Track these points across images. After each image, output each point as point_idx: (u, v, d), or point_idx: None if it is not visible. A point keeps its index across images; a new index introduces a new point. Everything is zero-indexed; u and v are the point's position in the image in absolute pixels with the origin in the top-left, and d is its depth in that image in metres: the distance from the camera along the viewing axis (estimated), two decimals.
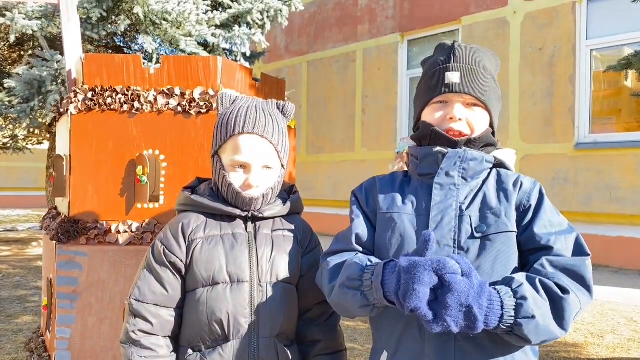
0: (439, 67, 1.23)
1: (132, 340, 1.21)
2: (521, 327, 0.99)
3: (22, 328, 3.93)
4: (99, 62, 1.91)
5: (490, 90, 1.23)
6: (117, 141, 1.88)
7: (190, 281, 1.24)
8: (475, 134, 1.21)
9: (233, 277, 1.22)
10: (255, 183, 1.25)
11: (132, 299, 1.23)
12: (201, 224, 1.27)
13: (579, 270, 1.06)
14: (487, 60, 1.26)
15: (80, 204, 1.89)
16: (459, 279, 0.96)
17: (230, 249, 1.24)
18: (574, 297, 1.03)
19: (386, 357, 1.18)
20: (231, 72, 1.97)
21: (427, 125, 1.23)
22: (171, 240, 1.26)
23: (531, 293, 1.00)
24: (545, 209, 1.15)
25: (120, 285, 1.85)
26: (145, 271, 1.26)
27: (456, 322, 0.96)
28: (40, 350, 2.06)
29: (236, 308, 1.21)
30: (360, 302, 1.10)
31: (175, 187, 1.88)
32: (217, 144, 1.30)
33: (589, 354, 3.37)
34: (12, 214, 13.43)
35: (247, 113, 1.27)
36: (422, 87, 1.28)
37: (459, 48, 1.24)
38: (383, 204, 1.24)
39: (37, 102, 5.41)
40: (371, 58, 8.28)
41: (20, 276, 5.84)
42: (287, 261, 1.28)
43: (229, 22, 6.43)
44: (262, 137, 1.26)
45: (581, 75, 6.20)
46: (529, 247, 1.13)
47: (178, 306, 1.26)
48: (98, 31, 5.64)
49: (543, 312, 1.00)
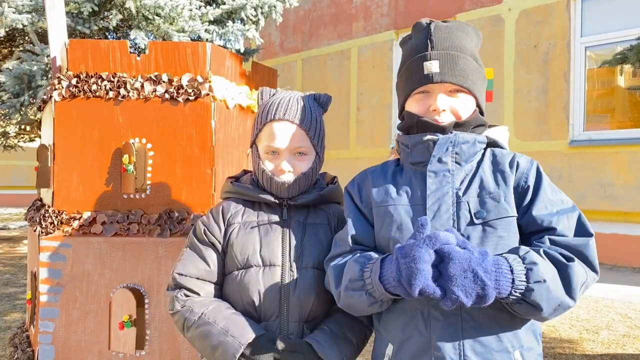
0: (417, 57, 1.18)
1: (182, 300, 1.26)
2: (533, 291, 0.97)
3: (10, 325, 3.87)
4: (83, 47, 1.86)
5: (472, 73, 1.18)
6: (102, 129, 1.83)
7: (228, 263, 1.30)
8: (462, 119, 1.17)
9: (265, 260, 1.27)
10: (286, 168, 1.30)
11: (175, 273, 1.29)
12: (239, 210, 1.34)
13: (583, 250, 1.05)
14: (466, 39, 1.20)
15: (64, 194, 1.83)
16: (457, 249, 0.95)
17: (264, 234, 1.30)
18: (579, 265, 1.02)
19: (392, 349, 1.16)
20: (221, 59, 1.92)
21: (412, 115, 1.19)
22: (212, 222, 1.33)
23: (539, 259, 1.00)
24: (544, 188, 1.13)
25: (105, 278, 1.80)
26: (188, 249, 1.33)
27: (465, 292, 0.94)
28: (24, 346, 2.00)
29: (267, 290, 1.24)
30: (367, 301, 1.10)
31: (162, 176, 1.83)
32: (254, 134, 1.36)
33: (584, 350, 3.35)
34: (3, 212, 13.31)
35: (280, 102, 1.33)
36: (402, 76, 1.24)
37: (436, 30, 1.18)
38: (377, 197, 1.21)
39: (27, 97, 5.33)
40: (366, 55, 8.25)
41: (10, 274, 5.76)
42: (319, 248, 1.31)
43: (222, 17, 6.37)
44: (292, 122, 1.30)
45: (575, 73, 6.20)
46: (530, 230, 1.11)
47: (218, 283, 1.31)
48: (89, 26, 5.57)
49: (552, 275, 0.99)
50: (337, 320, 1.28)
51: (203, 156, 1.84)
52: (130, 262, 1.79)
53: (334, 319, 1.28)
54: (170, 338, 1.77)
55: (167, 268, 1.78)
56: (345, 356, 1.23)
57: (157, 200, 1.83)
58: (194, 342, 1.25)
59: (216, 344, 1.18)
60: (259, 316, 1.25)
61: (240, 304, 1.26)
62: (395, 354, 1.14)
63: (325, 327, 1.26)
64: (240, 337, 1.17)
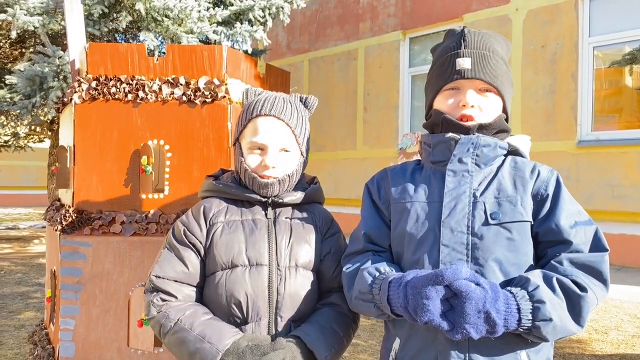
0: (449, 54, 1.22)
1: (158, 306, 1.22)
2: (539, 329, 1.00)
3: (24, 324, 3.92)
4: (103, 51, 1.90)
5: (502, 75, 1.21)
6: (121, 131, 1.87)
7: (210, 264, 1.26)
8: (487, 120, 1.20)
9: (252, 260, 1.24)
10: (271, 163, 1.27)
11: (152, 275, 1.25)
12: (222, 209, 1.31)
13: (598, 267, 1.07)
14: (498, 45, 1.24)
15: (84, 194, 1.87)
16: (473, 287, 0.98)
17: (249, 233, 1.26)
18: (592, 294, 1.03)
19: (399, 343, 1.19)
20: (236, 61, 1.95)
21: (439, 112, 1.22)
22: (192, 222, 1.29)
23: (548, 296, 1.01)
24: (564, 199, 1.14)
25: (124, 276, 1.83)
26: (166, 250, 1.29)
27: (475, 329, 0.98)
28: (44, 343, 2.04)
29: (255, 290, 1.22)
30: (375, 312, 1.14)
31: (180, 177, 1.86)
32: (238, 131, 1.34)
33: (593, 350, 3.36)
34: (13, 212, 13.42)
35: (266, 99, 1.31)
36: (433, 74, 1.27)
37: (469, 33, 1.23)
38: (395, 194, 1.24)
39: (38, 98, 5.39)
40: (373, 56, 8.26)
41: (22, 273, 5.83)
42: (306, 247, 1.30)
43: (230, 19, 6.41)
44: (279, 119, 1.28)
45: (583, 73, 6.19)
46: (547, 239, 1.12)
47: (198, 285, 1.27)
48: (99, 27, 5.62)
49: (560, 313, 1.01)
50: (323, 313, 1.28)
51: (219, 157, 1.87)
52: (148, 261, 1.82)
53: (321, 313, 1.28)
54: None
55: None
56: (332, 347, 1.23)
57: (174, 200, 1.86)
58: (171, 348, 1.21)
59: (193, 350, 1.15)
60: (245, 317, 1.22)
61: (224, 306, 1.22)
62: (402, 348, 1.17)
63: (312, 320, 1.26)
64: (217, 343, 1.14)
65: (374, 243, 1.24)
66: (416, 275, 1.04)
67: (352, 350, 3.30)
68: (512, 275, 1.10)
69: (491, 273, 1.09)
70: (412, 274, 1.05)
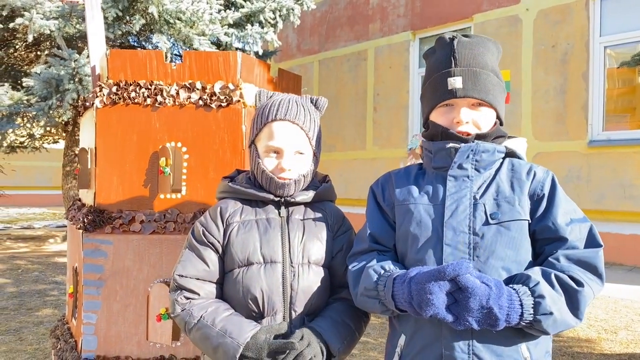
0: (441, 73, 1.26)
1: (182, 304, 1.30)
2: (540, 322, 1.06)
3: (42, 320, 4.03)
4: (123, 57, 1.97)
5: (493, 88, 1.26)
6: (140, 134, 1.94)
7: (227, 262, 1.34)
8: (482, 131, 1.26)
9: (266, 258, 1.31)
10: (287, 166, 1.33)
11: (175, 274, 1.33)
12: (238, 209, 1.38)
13: (592, 262, 1.12)
14: (487, 55, 1.28)
15: (105, 194, 1.95)
16: (478, 283, 1.03)
17: (264, 232, 1.33)
18: (588, 288, 1.09)
19: (404, 340, 1.23)
20: (250, 66, 2.02)
21: (437, 125, 1.28)
22: (210, 223, 1.36)
23: (548, 291, 1.06)
24: (559, 198, 1.19)
25: (144, 273, 1.91)
26: (187, 250, 1.36)
27: (478, 322, 1.04)
28: (67, 337, 2.13)
29: (270, 287, 1.29)
30: (380, 308, 1.19)
31: (196, 178, 1.94)
32: (253, 134, 1.40)
33: (602, 349, 3.38)
34: (28, 212, 13.65)
35: (280, 103, 1.37)
36: (427, 89, 1.33)
37: (459, 46, 1.26)
38: (400, 196, 1.29)
39: (54, 100, 5.50)
40: (382, 56, 8.30)
41: (39, 271, 5.96)
42: (318, 244, 1.35)
43: (241, 21, 6.49)
44: (293, 123, 1.35)
45: (594, 73, 6.18)
46: (544, 237, 1.17)
47: (219, 282, 1.35)
48: (113, 31, 5.73)
49: (559, 307, 1.06)
50: (336, 308, 1.34)
51: (234, 159, 1.94)
52: (167, 259, 1.90)
53: (333, 307, 1.34)
54: None
55: None
56: (345, 339, 1.30)
57: (191, 200, 1.93)
58: (197, 343, 1.30)
59: (216, 345, 1.22)
60: (262, 312, 1.29)
61: (242, 301, 1.30)
62: (407, 344, 1.22)
63: (325, 314, 1.32)
64: (238, 337, 1.21)
65: (379, 243, 1.30)
66: (419, 271, 1.10)
67: (361, 348, 3.36)
68: (513, 271, 1.15)
69: (493, 270, 1.15)
70: (415, 271, 1.11)
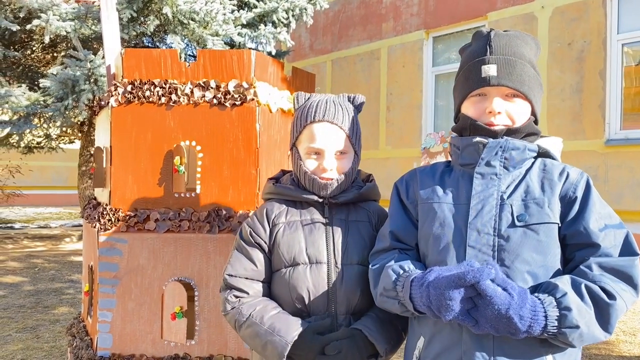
0: (475, 60, 1.22)
1: (232, 302, 1.33)
2: (565, 335, 1.00)
3: (59, 318, 4.08)
4: (137, 56, 1.98)
5: (529, 79, 1.20)
6: (155, 132, 1.95)
7: (275, 261, 1.36)
8: (516, 125, 1.20)
9: (312, 258, 1.33)
10: (329, 167, 1.35)
11: (225, 274, 1.37)
12: (283, 211, 1.40)
13: (627, 271, 1.06)
14: (525, 47, 1.23)
15: (120, 193, 1.96)
16: (499, 291, 0.98)
17: (309, 233, 1.36)
18: (621, 301, 1.02)
19: (423, 342, 1.20)
20: (264, 65, 2.02)
21: (467, 117, 1.23)
22: (257, 224, 1.40)
23: (576, 303, 1.00)
24: (593, 200, 1.12)
25: (158, 271, 1.92)
26: (235, 251, 1.40)
27: (496, 330, 1.00)
28: (83, 334, 2.15)
29: (315, 287, 1.31)
30: (400, 309, 1.17)
31: (211, 177, 1.94)
32: (294, 136, 1.42)
33: (620, 351, 3.32)
34: (44, 212, 13.85)
35: (318, 104, 1.38)
36: (460, 79, 1.28)
37: (495, 37, 1.22)
38: (423, 194, 1.26)
39: (70, 100, 5.57)
40: (396, 55, 8.26)
41: (55, 270, 6.04)
42: (361, 244, 1.36)
43: (254, 21, 6.51)
44: (332, 123, 1.36)
45: (612, 71, 6.07)
46: (574, 242, 1.11)
47: (266, 281, 1.38)
48: (128, 32, 5.79)
49: (587, 320, 1.00)
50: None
51: (248, 157, 1.94)
52: (181, 257, 1.90)
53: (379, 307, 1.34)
54: (218, 329, 1.88)
55: (215, 263, 1.89)
56: (392, 340, 1.30)
57: (206, 198, 1.94)
58: (246, 340, 1.33)
59: (265, 342, 1.25)
60: (308, 311, 1.31)
61: (289, 300, 1.33)
62: (426, 347, 1.18)
63: (372, 314, 1.32)
64: (286, 335, 1.24)
65: (400, 241, 1.26)
66: (439, 275, 1.05)
67: None
68: (540, 276, 1.10)
69: (518, 274, 1.09)
70: (434, 274, 1.06)
